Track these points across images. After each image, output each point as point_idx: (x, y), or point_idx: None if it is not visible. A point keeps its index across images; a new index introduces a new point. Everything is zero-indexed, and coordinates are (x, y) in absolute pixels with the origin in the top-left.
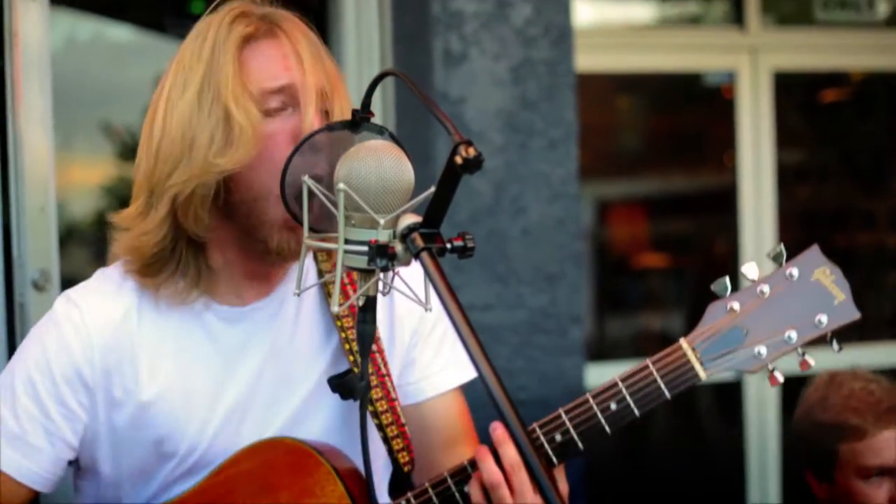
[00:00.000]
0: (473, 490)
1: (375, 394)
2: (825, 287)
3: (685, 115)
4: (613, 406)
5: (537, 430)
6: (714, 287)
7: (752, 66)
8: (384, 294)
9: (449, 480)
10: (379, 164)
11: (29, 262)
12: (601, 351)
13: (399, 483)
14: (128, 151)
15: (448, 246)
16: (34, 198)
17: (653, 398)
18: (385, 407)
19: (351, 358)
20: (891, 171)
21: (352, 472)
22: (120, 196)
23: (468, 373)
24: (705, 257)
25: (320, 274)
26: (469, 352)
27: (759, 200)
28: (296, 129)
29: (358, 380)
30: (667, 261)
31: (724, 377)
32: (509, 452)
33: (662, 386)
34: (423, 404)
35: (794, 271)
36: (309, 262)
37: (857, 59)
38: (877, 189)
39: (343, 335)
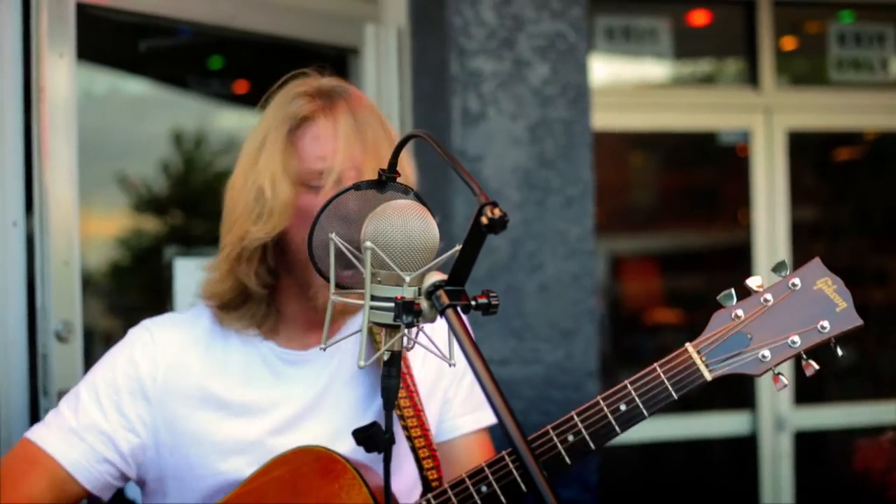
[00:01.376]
0: None
1: (404, 402)
2: (827, 295)
3: (699, 173)
4: (623, 407)
5: (550, 431)
6: (720, 297)
7: (766, 126)
8: (408, 349)
9: (467, 481)
10: (405, 223)
11: (52, 314)
12: None
13: None
14: (143, 204)
15: (473, 303)
16: (59, 251)
17: (660, 399)
18: (412, 413)
19: (398, 412)
20: None
21: (378, 486)
22: (134, 248)
23: (490, 419)
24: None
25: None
26: (493, 405)
27: (773, 257)
28: None
29: (382, 433)
30: (679, 317)
31: (738, 431)
32: None
33: (669, 387)
34: (453, 441)
35: (797, 281)
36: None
37: (871, 119)
38: (890, 246)
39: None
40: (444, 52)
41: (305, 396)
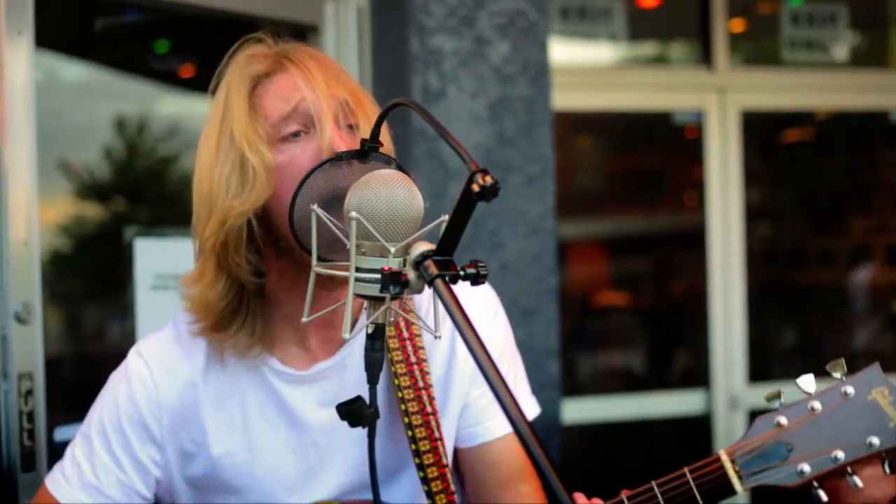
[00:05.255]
0: None
1: (412, 407)
2: (882, 407)
3: (647, 156)
4: None
5: None
6: (766, 397)
7: (720, 105)
8: (390, 323)
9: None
10: (390, 193)
11: (11, 296)
12: (567, 388)
13: None
14: (85, 190)
15: (461, 273)
16: (18, 231)
17: None
18: (428, 447)
19: (399, 395)
20: (849, 209)
21: None
22: (76, 235)
23: (533, 411)
24: (665, 296)
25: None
26: (486, 377)
27: (726, 239)
28: (316, 148)
29: (366, 407)
30: (627, 299)
31: (692, 410)
32: None
33: (697, 496)
34: (481, 447)
35: (851, 389)
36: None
37: (823, 99)
38: (835, 227)
39: (399, 395)
40: (404, 30)
41: (313, 429)
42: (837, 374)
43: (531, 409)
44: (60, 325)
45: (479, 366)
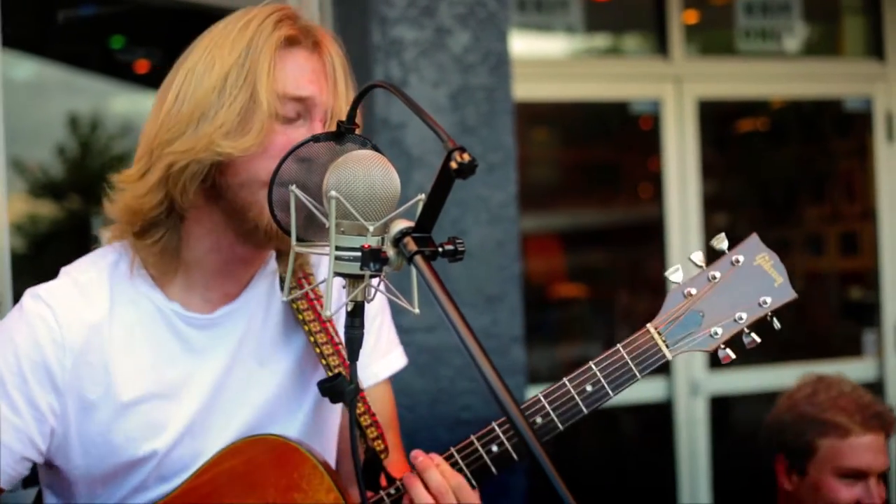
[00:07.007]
0: None
1: (332, 361)
2: (766, 271)
3: (603, 148)
4: (589, 388)
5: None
6: (668, 274)
7: (676, 95)
8: (369, 301)
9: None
10: (367, 173)
11: None
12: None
13: (376, 471)
14: (39, 188)
15: (440, 249)
16: None
17: (625, 379)
18: (337, 362)
19: (323, 361)
20: (803, 199)
21: (329, 465)
22: (30, 234)
23: (400, 362)
24: (622, 287)
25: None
26: (469, 352)
27: (685, 229)
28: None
29: (347, 383)
30: (584, 291)
31: (653, 397)
32: (435, 478)
33: (633, 367)
34: (367, 390)
35: (740, 257)
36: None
37: (777, 88)
38: (789, 217)
39: (312, 339)
40: (365, 21)
41: (219, 366)
42: (723, 246)
43: (398, 358)
44: None
45: (459, 339)
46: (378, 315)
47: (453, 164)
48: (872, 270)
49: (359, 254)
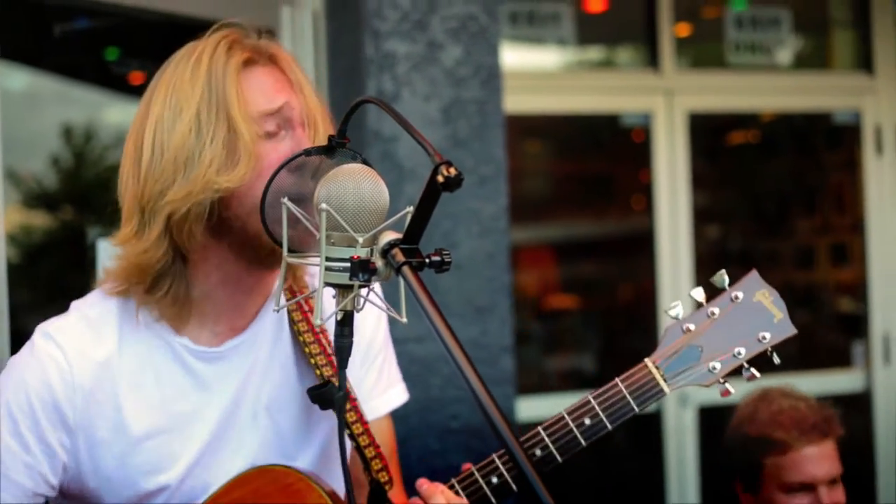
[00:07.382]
0: None
1: (350, 416)
2: (766, 307)
3: (595, 160)
4: (588, 421)
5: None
6: (669, 310)
7: (667, 108)
8: (358, 310)
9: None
10: (357, 187)
11: None
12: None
13: (380, 502)
14: (32, 199)
15: (427, 261)
16: None
17: (623, 413)
18: (361, 430)
19: (318, 372)
20: (794, 211)
21: (337, 496)
22: (23, 244)
23: (400, 398)
24: (614, 299)
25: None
26: (457, 364)
27: (675, 241)
28: (290, 151)
29: (336, 390)
30: (577, 302)
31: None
32: (439, 502)
33: (631, 402)
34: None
35: (739, 294)
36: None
37: (767, 101)
38: (780, 229)
39: (313, 362)
40: (358, 35)
41: (227, 399)
42: (724, 283)
43: (399, 394)
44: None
45: (445, 348)
46: (381, 351)
47: (440, 178)
48: (862, 282)
49: (348, 264)
